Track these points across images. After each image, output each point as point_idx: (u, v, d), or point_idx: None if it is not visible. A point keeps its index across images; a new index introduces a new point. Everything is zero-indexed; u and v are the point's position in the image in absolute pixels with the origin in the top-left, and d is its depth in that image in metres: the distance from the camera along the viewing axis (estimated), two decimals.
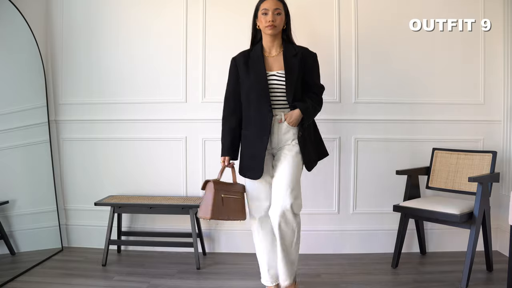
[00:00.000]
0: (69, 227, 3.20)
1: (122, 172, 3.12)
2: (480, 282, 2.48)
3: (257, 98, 2.13)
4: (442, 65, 3.04)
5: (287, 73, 2.13)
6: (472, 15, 3.00)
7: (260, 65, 2.15)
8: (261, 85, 2.11)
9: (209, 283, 2.51)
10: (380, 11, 3.02)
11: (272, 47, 2.20)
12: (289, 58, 2.15)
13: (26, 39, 2.91)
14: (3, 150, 2.75)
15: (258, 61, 2.16)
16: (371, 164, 3.05)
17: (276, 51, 2.20)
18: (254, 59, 2.18)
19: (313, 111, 2.19)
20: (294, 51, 2.18)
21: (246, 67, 2.18)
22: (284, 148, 2.16)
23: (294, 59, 2.15)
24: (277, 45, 2.20)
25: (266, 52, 2.21)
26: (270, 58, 2.20)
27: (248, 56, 2.22)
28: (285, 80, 2.12)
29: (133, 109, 3.09)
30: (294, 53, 2.17)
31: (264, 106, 2.11)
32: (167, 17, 3.07)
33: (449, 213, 2.42)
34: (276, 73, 2.15)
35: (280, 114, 2.14)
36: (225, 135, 2.25)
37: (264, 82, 2.11)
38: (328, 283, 2.49)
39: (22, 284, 2.45)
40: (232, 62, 2.26)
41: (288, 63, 2.14)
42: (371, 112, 3.03)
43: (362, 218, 3.07)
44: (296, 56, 2.16)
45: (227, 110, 2.26)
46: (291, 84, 2.12)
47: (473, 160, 2.75)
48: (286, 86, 2.12)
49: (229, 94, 2.26)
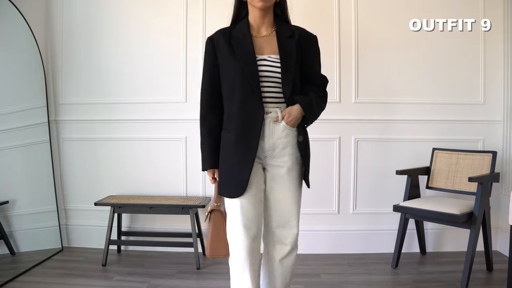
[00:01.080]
0: (69, 227, 3.20)
1: (122, 172, 3.12)
2: (480, 282, 2.48)
3: (243, 89, 1.60)
4: (442, 65, 3.04)
5: (283, 58, 1.61)
6: (472, 15, 3.00)
7: (247, 47, 1.62)
8: (249, 73, 1.59)
9: (209, 283, 2.51)
10: (380, 11, 3.02)
11: (262, 25, 1.68)
12: (284, 39, 1.65)
13: (26, 39, 2.91)
14: (3, 150, 2.75)
15: (245, 41, 1.63)
16: (371, 164, 3.05)
17: (267, 30, 1.68)
18: (239, 38, 1.64)
19: (318, 108, 1.71)
20: (290, 31, 1.68)
21: (228, 48, 1.63)
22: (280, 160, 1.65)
23: (290, 41, 1.65)
24: (268, 23, 1.68)
25: (253, 30, 1.68)
26: (259, 38, 1.67)
27: (229, 34, 1.66)
28: (280, 67, 1.61)
29: (133, 109, 3.09)
30: (290, 33, 1.67)
31: (253, 100, 1.59)
32: (167, 17, 3.07)
33: (449, 213, 2.42)
34: (268, 57, 1.63)
35: (274, 111, 1.63)
36: (204, 140, 1.70)
37: (254, 69, 1.59)
38: (328, 283, 2.49)
39: (22, 284, 2.45)
40: (209, 44, 1.70)
41: (283, 45, 1.64)
42: (371, 112, 3.03)
43: (362, 218, 3.07)
44: (292, 37, 1.66)
45: (204, 107, 1.71)
46: (288, 71, 1.61)
47: (473, 160, 2.75)
48: (282, 75, 1.61)
49: (205, 86, 1.71)
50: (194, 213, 2.81)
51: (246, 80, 1.59)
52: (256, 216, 1.65)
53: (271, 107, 1.63)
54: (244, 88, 1.60)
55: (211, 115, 1.69)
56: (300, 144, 1.66)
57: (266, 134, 1.62)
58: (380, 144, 3.05)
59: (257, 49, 1.64)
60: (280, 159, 1.65)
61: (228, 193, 1.63)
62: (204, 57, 1.72)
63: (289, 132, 1.65)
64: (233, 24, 1.73)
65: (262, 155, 1.65)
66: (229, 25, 1.73)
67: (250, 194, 1.62)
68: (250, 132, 1.59)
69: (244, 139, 1.60)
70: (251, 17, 1.68)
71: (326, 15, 3.00)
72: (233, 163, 1.62)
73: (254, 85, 1.58)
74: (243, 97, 1.60)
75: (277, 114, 1.62)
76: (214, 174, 1.71)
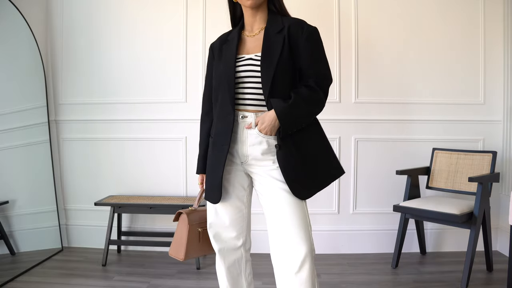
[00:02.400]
0: (69, 227, 3.20)
1: (122, 172, 3.13)
2: (480, 282, 2.47)
3: (222, 94, 1.52)
4: (442, 65, 3.04)
5: (263, 56, 1.47)
6: (472, 15, 3.01)
7: (231, 48, 1.55)
8: (226, 74, 1.51)
9: (209, 283, 2.51)
10: (380, 11, 3.02)
11: (254, 23, 1.58)
12: (271, 35, 1.50)
13: (26, 39, 2.91)
14: (3, 150, 2.75)
15: (232, 43, 1.57)
16: (371, 164, 3.05)
17: (258, 27, 1.58)
18: (230, 42, 1.59)
19: (299, 113, 1.46)
20: (281, 25, 1.51)
21: (219, 53, 1.60)
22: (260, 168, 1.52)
23: (278, 36, 1.49)
24: (260, 20, 1.57)
25: (246, 30, 1.60)
26: (250, 38, 1.58)
27: (225, 39, 1.63)
28: (260, 66, 1.47)
29: (133, 109, 3.09)
30: (280, 27, 1.51)
31: (227, 103, 1.50)
32: (167, 17, 3.07)
33: (449, 213, 2.42)
34: (254, 56, 1.51)
35: (250, 116, 1.50)
36: (200, 144, 1.69)
37: (231, 70, 1.50)
38: (328, 283, 2.49)
39: (22, 284, 2.45)
40: (209, 51, 1.70)
41: (267, 42, 1.49)
42: (371, 112, 3.03)
43: (362, 218, 3.07)
44: (281, 31, 1.50)
45: (202, 113, 1.71)
46: (268, 70, 1.45)
47: (473, 160, 2.75)
48: (261, 75, 1.46)
49: (205, 91, 1.71)
50: None
51: (224, 82, 1.51)
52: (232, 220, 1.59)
53: (249, 110, 1.50)
54: (223, 92, 1.52)
55: (207, 120, 1.67)
56: (278, 154, 1.45)
57: (239, 139, 1.52)
58: (380, 144, 3.05)
59: (245, 49, 1.56)
60: (259, 167, 1.51)
61: (210, 199, 1.58)
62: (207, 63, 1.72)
63: (263, 139, 1.48)
64: (233, 26, 1.68)
65: (238, 161, 1.55)
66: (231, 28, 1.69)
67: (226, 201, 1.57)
68: (222, 137, 1.51)
69: (218, 145, 1.53)
70: (245, 17, 1.60)
71: (326, 15, 3.01)
72: (209, 168, 1.59)
73: (227, 86, 1.49)
74: (222, 101, 1.52)
75: (252, 119, 1.49)
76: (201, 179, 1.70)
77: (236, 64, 1.51)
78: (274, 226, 1.48)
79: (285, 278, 1.46)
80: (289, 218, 1.45)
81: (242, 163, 1.55)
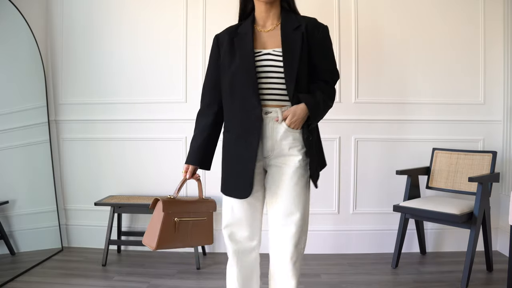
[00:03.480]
0: (69, 227, 3.20)
1: (122, 172, 3.12)
2: (480, 282, 2.47)
3: (241, 86, 1.53)
4: (442, 65, 3.04)
5: (285, 52, 1.51)
6: (472, 15, 3.01)
7: (247, 42, 1.56)
8: (245, 68, 1.52)
9: (209, 283, 2.51)
10: (380, 11, 3.02)
11: (268, 19, 1.61)
12: (289, 32, 1.55)
13: (26, 39, 2.91)
14: (3, 150, 2.75)
15: (246, 37, 1.57)
16: (371, 164, 3.05)
17: (272, 23, 1.61)
18: (241, 35, 1.59)
19: (324, 107, 1.58)
20: (296, 22, 1.58)
21: (230, 46, 1.58)
22: (282, 163, 1.56)
23: (295, 33, 1.55)
24: (274, 16, 1.61)
25: (259, 25, 1.62)
26: (264, 33, 1.60)
27: (235, 32, 1.62)
28: (282, 61, 1.52)
29: (133, 109, 3.09)
30: (297, 25, 1.56)
31: (250, 97, 1.51)
32: (167, 17, 3.07)
33: (449, 213, 2.42)
34: (272, 51, 1.55)
35: (275, 111, 1.53)
36: (194, 138, 1.66)
37: (250, 64, 1.51)
38: (328, 283, 2.49)
39: (22, 284, 2.45)
40: (214, 42, 1.67)
41: (286, 38, 1.54)
42: (371, 112, 3.03)
43: (362, 218, 3.07)
44: (298, 29, 1.56)
45: (203, 103, 1.68)
46: (291, 65, 1.51)
47: (473, 160, 2.75)
48: (284, 69, 1.50)
49: (206, 83, 1.68)
50: None
51: (243, 77, 1.52)
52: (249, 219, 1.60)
53: (272, 105, 1.53)
54: (243, 86, 1.52)
55: (208, 112, 1.65)
56: (306, 143, 1.55)
57: (266, 135, 1.54)
58: (380, 144, 3.05)
59: (260, 44, 1.58)
60: (281, 160, 1.56)
61: (233, 194, 1.58)
62: (210, 55, 1.69)
63: (292, 133, 1.54)
64: (240, 20, 1.68)
65: (261, 156, 1.57)
66: (236, 23, 1.68)
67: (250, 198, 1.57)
68: (249, 132, 1.51)
69: (244, 140, 1.53)
70: (257, 12, 1.62)
71: (326, 15, 3.00)
72: (231, 163, 1.58)
73: (251, 81, 1.50)
74: (242, 96, 1.52)
75: (278, 114, 1.53)
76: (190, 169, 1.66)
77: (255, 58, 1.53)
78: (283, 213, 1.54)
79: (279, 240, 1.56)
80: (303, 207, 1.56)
81: (266, 158, 1.57)
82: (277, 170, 1.57)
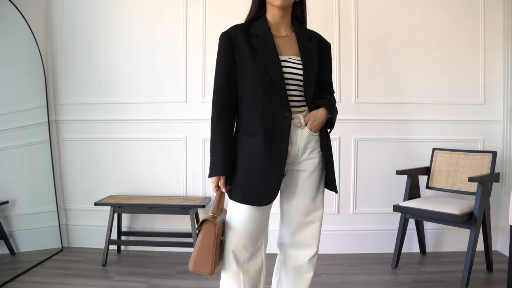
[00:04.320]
0: (69, 227, 3.20)
1: (122, 172, 3.12)
2: (480, 282, 2.48)
3: (265, 91, 1.50)
4: (442, 65, 3.04)
5: (305, 60, 1.54)
6: (472, 15, 3.01)
7: (270, 46, 1.52)
8: (274, 74, 1.49)
9: (209, 283, 2.51)
10: (380, 11, 3.03)
11: (281, 25, 1.59)
12: (304, 42, 1.58)
13: (26, 39, 2.91)
14: (3, 150, 2.75)
15: (267, 41, 1.53)
16: (371, 164, 3.05)
17: (285, 30, 1.60)
18: (259, 37, 1.54)
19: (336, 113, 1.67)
20: (308, 34, 1.62)
21: (248, 46, 1.52)
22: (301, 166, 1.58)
23: (310, 45, 1.59)
24: (286, 23, 1.60)
25: (273, 30, 1.58)
26: (278, 38, 1.58)
27: (249, 32, 1.55)
28: (302, 69, 1.54)
29: (133, 109, 3.09)
30: (309, 36, 1.61)
31: (279, 104, 1.50)
32: (167, 17, 3.07)
33: (449, 213, 2.42)
34: (289, 58, 1.54)
35: (297, 117, 1.54)
36: (217, 145, 1.53)
37: (278, 70, 1.50)
38: (328, 283, 2.49)
39: (22, 284, 2.45)
40: (225, 38, 1.55)
41: (305, 47, 1.57)
42: (371, 112, 3.03)
43: (362, 218, 3.07)
44: (311, 40, 1.60)
45: (219, 108, 1.55)
46: (310, 74, 1.54)
47: (473, 160, 2.75)
48: (304, 77, 1.54)
49: (220, 84, 1.55)
50: (194, 213, 2.81)
51: (269, 81, 1.49)
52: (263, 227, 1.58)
53: (293, 111, 1.53)
54: (268, 90, 1.49)
55: (225, 117, 1.54)
56: (324, 148, 1.58)
57: (292, 140, 1.53)
58: (380, 144, 3.05)
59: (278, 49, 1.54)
60: (302, 165, 1.57)
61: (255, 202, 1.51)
62: (219, 52, 1.56)
63: (313, 137, 1.57)
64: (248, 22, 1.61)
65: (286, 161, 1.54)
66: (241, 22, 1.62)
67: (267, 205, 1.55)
68: (278, 137, 1.49)
69: (273, 144, 1.49)
70: (269, 16, 1.59)
71: (326, 15, 3.01)
72: (260, 169, 1.49)
73: (280, 87, 1.49)
74: (267, 99, 1.50)
75: (300, 119, 1.54)
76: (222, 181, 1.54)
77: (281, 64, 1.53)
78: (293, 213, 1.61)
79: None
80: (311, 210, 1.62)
81: (288, 163, 1.56)
82: (297, 174, 1.59)
